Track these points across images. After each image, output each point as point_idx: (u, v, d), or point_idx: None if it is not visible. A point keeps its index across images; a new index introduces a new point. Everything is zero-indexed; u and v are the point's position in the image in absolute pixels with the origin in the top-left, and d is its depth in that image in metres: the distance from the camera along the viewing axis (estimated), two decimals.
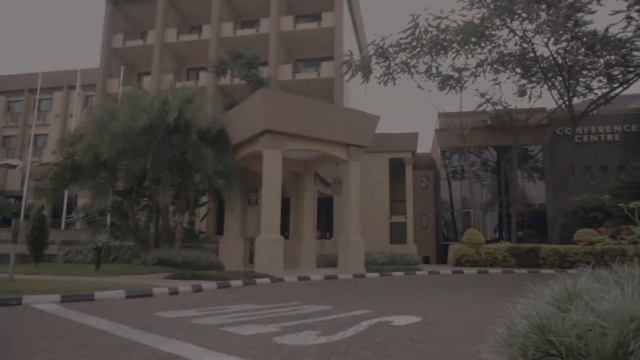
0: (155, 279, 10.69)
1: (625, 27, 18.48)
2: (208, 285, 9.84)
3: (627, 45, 18.14)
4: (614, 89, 22.28)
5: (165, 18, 28.65)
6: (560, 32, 18.76)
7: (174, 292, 8.72)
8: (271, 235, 12.91)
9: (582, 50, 19.54)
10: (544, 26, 18.54)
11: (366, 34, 35.46)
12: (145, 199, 18.16)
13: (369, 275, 14.20)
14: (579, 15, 17.48)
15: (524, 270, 17.15)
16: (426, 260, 27.58)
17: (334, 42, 25.99)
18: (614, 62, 21.57)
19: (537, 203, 27.00)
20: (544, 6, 16.76)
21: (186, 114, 14.54)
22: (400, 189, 32.45)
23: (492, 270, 16.80)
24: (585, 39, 18.19)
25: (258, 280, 11.40)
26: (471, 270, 16.53)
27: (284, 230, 16.31)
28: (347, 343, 4.51)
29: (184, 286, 9.21)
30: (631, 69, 21.43)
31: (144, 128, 14.00)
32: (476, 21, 19.70)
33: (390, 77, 24.51)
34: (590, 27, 18.24)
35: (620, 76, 22.15)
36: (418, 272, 15.50)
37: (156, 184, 14.93)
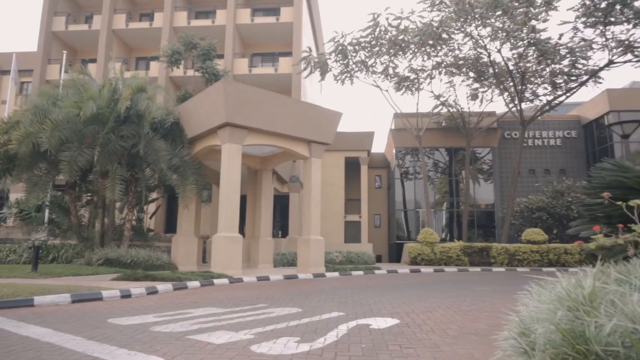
0: (103, 281, 9.82)
1: (572, 37, 19.45)
2: (163, 287, 9.13)
3: (577, 53, 19.02)
4: (558, 96, 23.42)
5: (113, 3, 26.96)
6: (516, 38, 19.41)
7: (126, 295, 7.97)
8: (230, 233, 12.30)
9: (535, 56, 20.32)
10: (500, 32, 19.09)
11: (323, 32, 35.31)
12: (89, 194, 16.88)
13: (328, 274, 13.95)
14: (534, 22, 18.13)
15: (478, 269, 17.58)
16: (379, 259, 27.81)
17: (292, 38, 25.59)
18: (557, 72, 22.73)
19: (486, 203, 27.98)
20: (499, 12, 17.23)
21: (138, 104, 13.58)
22: (355, 188, 32.61)
23: (447, 269, 17.07)
24: (539, 46, 18.93)
25: (216, 281, 10.80)
26: (428, 269, 16.71)
27: (240, 228, 15.69)
28: (332, 350, 4.16)
29: (137, 288, 8.47)
30: (573, 78, 22.66)
31: (91, 117, 12.92)
32: (434, 23, 19.98)
33: (349, 75, 24.43)
34: (545, 35, 19.01)
35: (563, 84, 23.37)
36: (377, 272, 15.44)
37: (103, 178, 13.84)
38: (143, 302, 7.52)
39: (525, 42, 19.16)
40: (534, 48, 19.57)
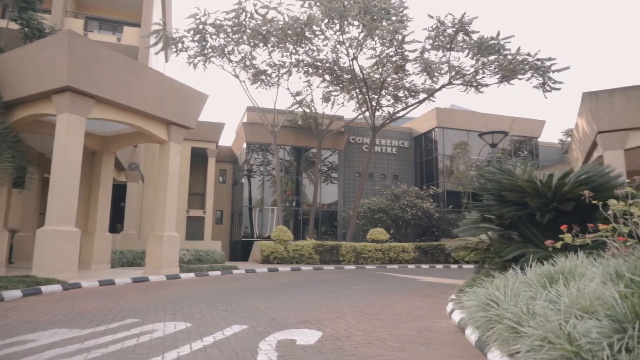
0: None
1: (420, 56, 21.38)
2: None
3: (432, 69, 20.84)
4: (400, 110, 25.60)
5: None
6: (370, 47, 20.45)
7: None
8: (63, 227, 9.66)
9: (397, 63, 21.65)
10: (358, 41, 19.85)
11: (173, 7, 32.20)
12: None
13: (183, 276, 12.27)
14: (404, 32, 19.30)
15: (331, 267, 17.85)
16: None
17: (142, 7, 22.45)
18: (399, 86, 24.94)
19: (330, 203, 29.11)
20: (368, 17, 17.85)
21: None
22: (199, 181, 30.52)
23: (304, 268, 16.88)
24: (408, 56, 20.29)
25: (44, 289, 8.30)
26: (285, 268, 16.24)
27: None
28: None
29: None
30: (413, 93, 25.15)
31: None
32: (302, 19, 19.73)
33: (204, 59, 22.55)
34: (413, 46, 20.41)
35: (403, 98, 25.74)
36: (235, 271, 14.29)
37: None
38: None
39: (386, 52, 20.33)
40: (394, 58, 20.90)
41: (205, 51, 22.08)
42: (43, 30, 16.91)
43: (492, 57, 19.93)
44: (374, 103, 25.95)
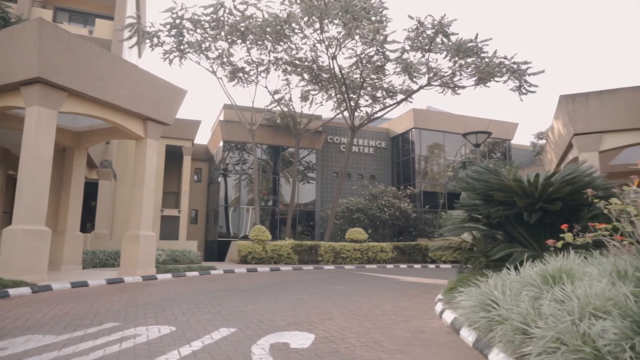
0: None
1: (400, 57, 21.44)
2: None
3: (412, 70, 20.88)
4: (378, 111, 25.65)
5: None
6: (349, 48, 20.39)
7: None
8: (32, 226, 9.14)
9: (378, 62, 21.63)
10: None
11: (148, 3, 31.34)
12: None
13: (160, 276, 11.86)
14: (385, 32, 19.28)
15: (311, 267, 17.68)
16: None
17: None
18: (378, 86, 25.01)
19: (307, 203, 28.93)
20: (349, 16, 17.76)
21: None
22: (173, 180, 29.86)
23: (283, 268, 16.65)
24: (389, 56, 20.28)
25: (12, 292, 7.83)
26: (264, 268, 15.97)
27: None
28: None
29: None
30: (391, 94, 25.26)
31: None
32: (282, 16, 19.49)
33: (180, 55, 22.00)
34: (394, 46, 20.38)
35: (381, 99, 25.81)
36: (213, 272, 13.95)
37: None
38: None
39: (367, 51, 20.28)
40: (375, 58, 20.89)
41: (182, 46, 21.54)
42: (8, 19, 16.16)
43: (469, 60, 20.19)
44: (352, 103, 25.94)
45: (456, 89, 22.89)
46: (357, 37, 19.71)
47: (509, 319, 3.65)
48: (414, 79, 21.53)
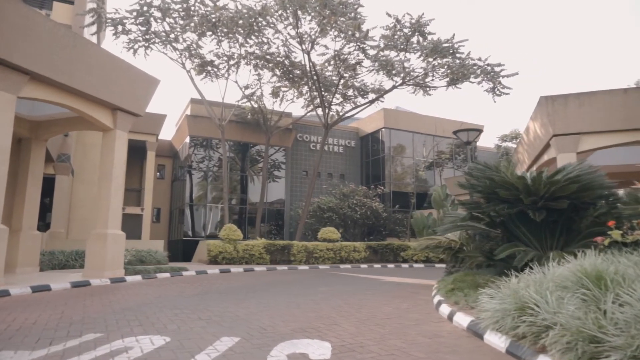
0: None
1: (376, 54, 21.25)
2: None
3: (392, 66, 20.66)
4: (351, 110, 25.38)
5: None
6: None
7: None
8: None
9: (356, 59, 21.30)
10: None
11: None
12: None
13: (129, 279, 11.03)
14: (366, 27, 19.00)
15: (285, 267, 17.15)
16: None
17: None
18: (349, 84, 24.77)
19: (276, 201, 28.32)
20: (327, 11, 17.36)
21: None
22: (135, 176, 28.42)
23: (257, 268, 16.02)
24: (368, 53, 19.99)
25: None
26: (237, 269, 15.29)
27: None
28: None
29: None
30: (362, 93, 25.10)
31: None
32: (256, 8, 18.84)
33: (146, 45, 20.89)
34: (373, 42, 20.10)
35: (352, 97, 25.59)
36: (185, 273, 13.20)
37: None
38: None
39: (347, 46, 19.96)
40: (354, 54, 20.59)
41: (148, 36, 20.43)
42: None
43: (443, 60, 20.28)
44: (326, 101, 25.56)
45: (428, 89, 23.00)
46: (334, 32, 19.34)
47: (558, 324, 3.35)
48: (392, 77, 21.39)
